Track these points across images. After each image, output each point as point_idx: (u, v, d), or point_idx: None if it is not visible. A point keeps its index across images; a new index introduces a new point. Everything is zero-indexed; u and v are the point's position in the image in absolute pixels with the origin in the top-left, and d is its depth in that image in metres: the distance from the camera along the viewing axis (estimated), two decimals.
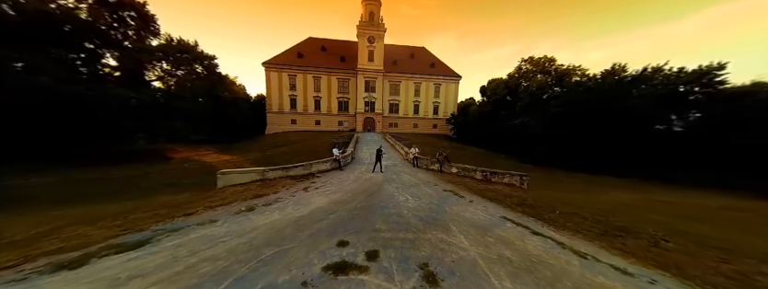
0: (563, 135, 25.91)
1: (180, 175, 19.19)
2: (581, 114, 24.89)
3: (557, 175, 23.23)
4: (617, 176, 24.52)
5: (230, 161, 26.72)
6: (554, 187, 16.59)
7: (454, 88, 58.59)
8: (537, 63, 41.90)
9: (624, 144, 25.14)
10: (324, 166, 13.57)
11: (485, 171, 13.32)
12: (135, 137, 24.05)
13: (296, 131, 50.65)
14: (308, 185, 10.80)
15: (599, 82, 26.37)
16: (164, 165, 23.60)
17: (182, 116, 28.77)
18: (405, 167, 16.16)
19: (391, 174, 13.89)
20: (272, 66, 50.08)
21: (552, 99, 26.75)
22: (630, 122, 23.62)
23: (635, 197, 15.62)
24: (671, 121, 28.60)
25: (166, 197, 9.58)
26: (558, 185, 18.07)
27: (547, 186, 16.22)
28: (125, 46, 25.64)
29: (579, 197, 13.30)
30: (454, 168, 14.20)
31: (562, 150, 26.55)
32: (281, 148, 33.73)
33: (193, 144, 39.64)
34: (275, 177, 11.52)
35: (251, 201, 8.32)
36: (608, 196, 15.42)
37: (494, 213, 7.82)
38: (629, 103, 23.33)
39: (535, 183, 14.25)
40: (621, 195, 16.05)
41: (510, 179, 13.12)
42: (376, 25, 49.88)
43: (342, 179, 12.15)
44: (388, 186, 11.07)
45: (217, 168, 24.03)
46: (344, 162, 15.64)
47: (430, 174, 14.41)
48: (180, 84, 29.74)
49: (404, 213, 7.54)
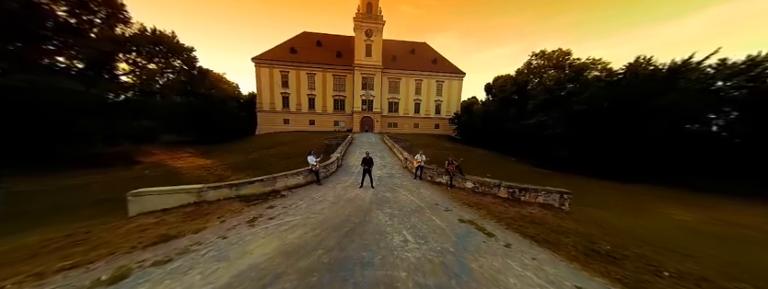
0: (586, 136, 22.41)
1: (129, 185, 15.75)
2: (608, 112, 21.40)
3: (586, 183, 19.73)
4: (647, 183, 21.02)
5: (204, 166, 23.35)
6: (595, 203, 13.13)
7: (457, 86, 55.09)
8: (549, 58, 38.43)
9: (655, 147, 21.66)
10: (295, 179, 10.13)
11: (512, 187, 9.88)
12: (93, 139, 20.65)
13: (288, 131, 47.34)
14: (261, 212, 7.39)
15: (628, 76, 22.85)
16: (124, 171, 20.21)
17: (154, 114, 25.40)
18: (404, 179, 12.72)
19: (385, 190, 10.47)
20: (262, 62, 46.68)
21: (573, 96, 23.28)
22: (665, 122, 20.16)
23: (699, 217, 12.18)
24: (708, 121, 25.09)
25: (33, 237, 6.22)
26: (596, 199, 14.60)
27: (585, 201, 12.76)
28: (83, 35, 22.25)
29: (644, 223, 9.88)
30: (468, 182, 10.78)
31: (585, 153, 23.03)
32: (268, 150, 30.47)
33: (175, 145, 36.40)
34: (219, 198, 8.11)
35: (142, 252, 4.92)
36: (667, 217, 11.99)
37: (556, 277, 4.42)
38: (668, 99, 19.83)
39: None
40: (680, 214, 12.61)
41: (546, 198, 9.68)
42: (374, 17, 46.41)
43: (314, 201, 8.73)
44: (378, 213, 7.66)
45: (183, 175, 20.70)
46: (325, 173, 12.21)
47: (437, 189, 10.98)
48: (150, 78, 26.32)
49: (401, 277, 4.20)
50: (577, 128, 22.85)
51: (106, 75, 25.19)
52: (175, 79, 29.59)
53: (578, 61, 34.50)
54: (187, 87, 32.17)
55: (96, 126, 19.71)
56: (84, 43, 21.33)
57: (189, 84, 32.03)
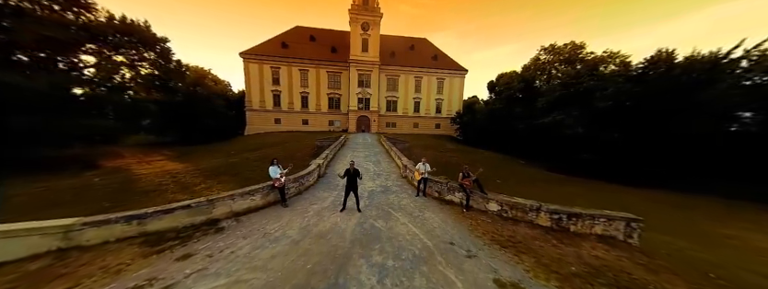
0: (612, 136, 19.45)
1: (59, 199, 12.73)
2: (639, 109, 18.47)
3: (616, 192, 16.76)
4: (670, 188, 18.14)
5: (171, 172, 20.18)
6: (651, 224, 10.16)
7: (459, 83, 52.17)
8: (559, 52, 35.53)
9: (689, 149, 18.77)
10: (247, 201, 7.09)
11: (557, 212, 6.90)
12: (30, 140, 17.52)
13: (280, 131, 44.30)
14: (164, 268, 4.39)
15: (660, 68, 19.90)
16: (70, 179, 17.06)
17: (116, 112, 22.29)
18: (403, 195, 9.71)
19: (377, 214, 7.47)
20: (251, 57, 43.57)
21: (595, 91, 20.33)
22: (709, 121, 17.29)
23: None
24: (739, 118, 22.24)
25: None
26: (645, 216, 11.64)
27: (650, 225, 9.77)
28: (30, 19, 19.11)
29: (747, 259, 6.92)
30: (492, 203, 7.78)
31: (609, 155, 20.08)
32: (252, 153, 27.35)
33: (153, 146, 33.48)
34: (107, 239, 5.08)
35: None
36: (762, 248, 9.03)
37: None
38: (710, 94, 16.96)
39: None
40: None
41: (606, 227, 6.75)
42: (371, 9, 43.34)
43: (267, 239, 5.71)
44: (362, 266, 4.67)
45: (138, 184, 17.39)
46: (299, 188, 9.18)
47: (448, 212, 7.98)
48: (113, 71, 23.15)
49: None
50: (605, 127, 19.87)
51: (65, 68, 22.07)
52: (148, 74, 26.44)
53: (592, 55, 31.66)
54: (164, 83, 28.98)
55: (32, 126, 16.55)
56: (25, 28, 18.16)
57: (165, 79, 28.84)
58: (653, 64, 23.79)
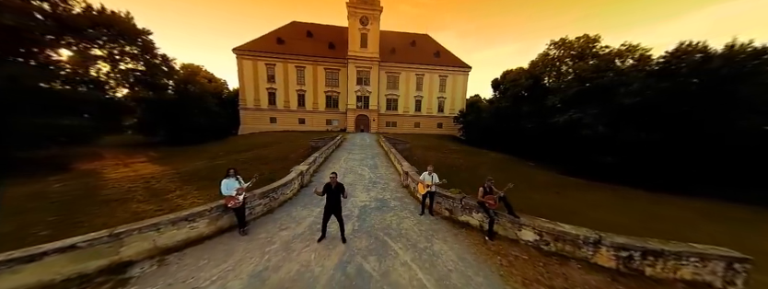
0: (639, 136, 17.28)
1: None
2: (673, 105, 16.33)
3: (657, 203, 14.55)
4: (709, 196, 15.94)
5: (147, 176, 18.13)
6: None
7: (462, 81, 50.00)
8: (570, 47, 33.33)
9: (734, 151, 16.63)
10: (184, 230, 5.05)
11: (627, 248, 4.82)
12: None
13: (276, 131, 42.35)
14: None
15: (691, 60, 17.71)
16: (31, 184, 15.07)
17: (90, 110, 20.35)
18: (404, 213, 7.61)
19: (367, 247, 5.40)
20: (245, 53, 41.58)
21: (620, 87, 18.16)
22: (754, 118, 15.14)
23: None
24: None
25: None
26: (752, 251, 9.52)
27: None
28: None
29: None
30: (527, 230, 5.68)
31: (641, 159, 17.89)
32: (243, 154, 25.38)
33: (139, 147, 31.66)
34: None
35: None
36: None
37: None
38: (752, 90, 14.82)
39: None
40: None
41: (698, 269, 4.68)
42: (370, 2, 41.21)
43: None
44: None
45: (101, 192, 15.57)
46: (269, 204, 7.12)
47: (464, 242, 5.88)
48: (82, 65, 21.14)
49: None
50: (627, 126, 17.73)
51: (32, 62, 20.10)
52: (129, 69, 24.49)
53: (607, 48, 29.47)
54: (147, 79, 27.00)
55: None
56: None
57: (148, 75, 26.85)
58: (677, 58, 21.66)
